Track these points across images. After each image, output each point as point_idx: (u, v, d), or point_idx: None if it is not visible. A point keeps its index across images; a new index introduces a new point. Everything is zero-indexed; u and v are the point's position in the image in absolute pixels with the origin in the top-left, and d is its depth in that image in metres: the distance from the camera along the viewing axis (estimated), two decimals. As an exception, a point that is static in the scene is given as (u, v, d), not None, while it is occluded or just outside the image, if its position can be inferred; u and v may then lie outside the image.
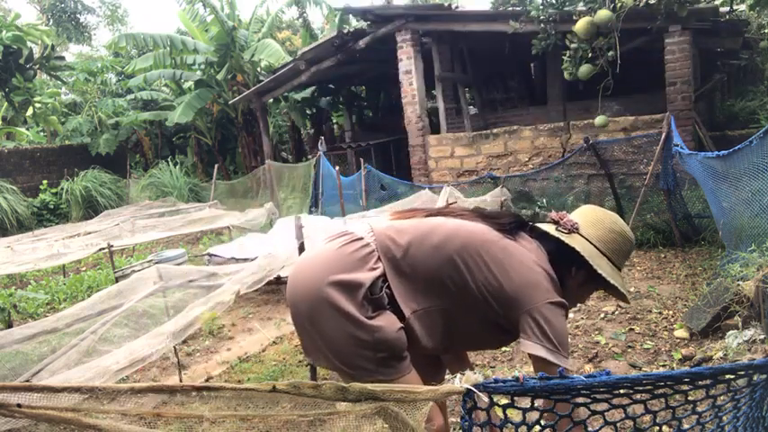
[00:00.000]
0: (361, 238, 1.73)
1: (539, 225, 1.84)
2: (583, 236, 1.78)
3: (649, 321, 4.06)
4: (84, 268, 8.19)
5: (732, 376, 1.16)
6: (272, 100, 12.78)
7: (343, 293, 1.62)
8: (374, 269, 1.67)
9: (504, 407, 1.24)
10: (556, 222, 1.80)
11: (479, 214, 1.83)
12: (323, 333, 1.66)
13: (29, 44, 11.92)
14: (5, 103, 13.31)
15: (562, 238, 1.75)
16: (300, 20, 14.62)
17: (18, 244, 6.78)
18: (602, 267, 1.73)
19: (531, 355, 1.62)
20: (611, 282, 1.74)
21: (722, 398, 1.28)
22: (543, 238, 1.80)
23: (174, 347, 3.48)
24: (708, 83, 8.42)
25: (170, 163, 13.13)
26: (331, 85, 14.13)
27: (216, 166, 12.42)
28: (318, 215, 8.44)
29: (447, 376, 2.16)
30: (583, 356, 3.59)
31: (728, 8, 8.33)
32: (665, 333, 3.82)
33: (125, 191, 13.36)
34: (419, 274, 1.70)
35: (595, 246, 1.77)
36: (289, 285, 1.76)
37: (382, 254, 1.70)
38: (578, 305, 1.82)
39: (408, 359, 1.69)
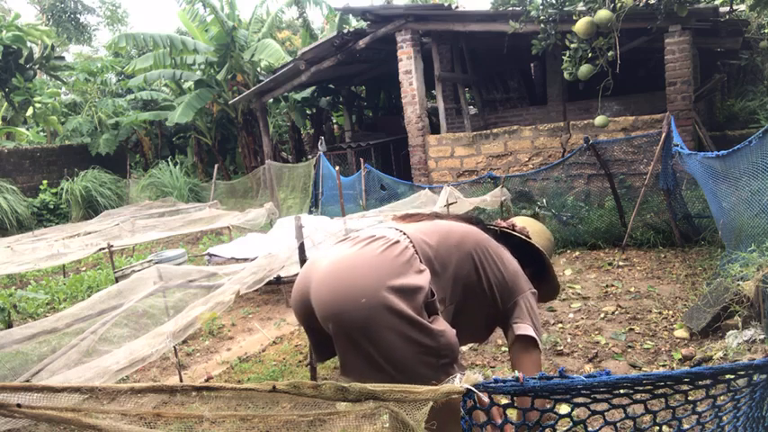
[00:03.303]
0: (398, 242, 1.67)
1: (499, 227, 2.14)
2: (535, 241, 2.12)
3: (649, 321, 4.06)
4: (84, 268, 8.18)
5: (732, 376, 1.16)
6: (272, 100, 12.78)
7: (405, 299, 1.54)
8: (422, 271, 1.63)
9: (504, 407, 1.24)
10: (512, 227, 2.14)
11: (463, 217, 2.07)
12: (381, 344, 1.53)
13: (29, 44, 11.93)
14: (5, 103, 13.33)
15: (530, 240, 2.09)
16: (300, 20, 14.63)
17: (18, 244, 6.78)
18: (550, 266, 2.12)
19: (522, 336, 1.83)
20: (555, 280, 2.15)
21: (722, 398, 1.28)
22: (505, 238, 2.07)
23: (174, 347, 3.48)
24: (708, 83, 8.42)
25: (170, 163, 13.13)
26: (331, 85, 14.13)
27: (216, 166, 12.42)
28: (318, 215, 8.44)
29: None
30: (583, 356, 3.59)
31: (728, 8, 8.33)
32: (665, 333, 3.82)
33: (125, 191, 13.36)
34: (447, 273, 1.75)
35: (543, 249, 2.13)
36: (324, 296, 1.60)
37: (422, 256, 1.69)
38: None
39: (463, 364, 1.79)
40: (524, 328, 1.81)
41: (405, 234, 1.73)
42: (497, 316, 1.91)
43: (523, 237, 2.10)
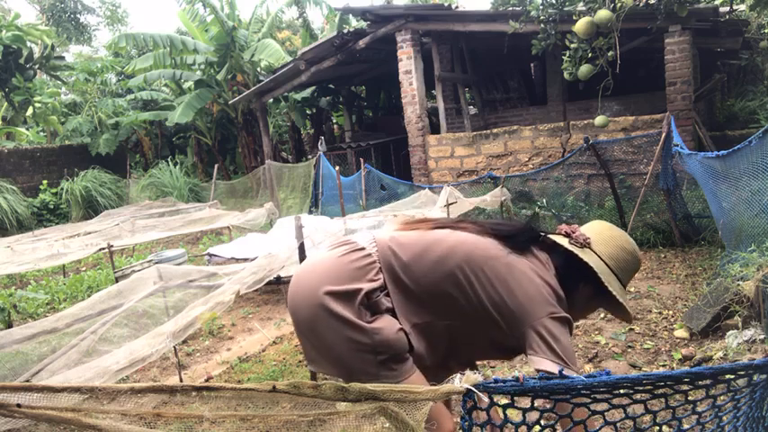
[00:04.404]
0: (363, 248, 1.72)
1: (551, 236, 1.83)
2: (594, 251, 1.77)
3: (649, 321, 4.06)
4: (84, 268, 8.19)
5: (732, 376, 1.16)
6: (272, 100, 12.78)
7: (340, 301, 1.63)
8: (374, 281, 1.68)
9: (504, 407, 1.24)
10: (568, 235, 1.80)
11: (491, 229, 1.79)
12: (323, 340, 1.66)
13: (29, 44, 11.94)
14: (5, 103, 13.33)
15: (576, 252, 1.75)
16: (300, 20, 14.62)
17: (18, 244, 6.78)
18: (612, 285, 1.73)
19: (540, 371, 1.59)
20: (620, 300, 1.73)
21: (722, 398, 1.28)
22: (554, 250, 1.79)
23: (174, 347, 3.48)
24: (708, 83, 8.42)
25: (170, 163, 13.13)
26: (331, 85, 14.13)
27: (216, 166, 12.42)
28: (318, 215, 8.44)
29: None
30: (583, 356, 3.59)
31: (728, 8, 8.33)
32: (665, 333, 3.82)
33: (125, 191, 13.36)
34: (421, 288, 1.69)
35: (606, 263, 1.76)
36: (289, 293, 1.76)
37: (384, 265, 1.70)
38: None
39: (411, 360, 1.68)
40: (538, 362, 1.56)
41: (375, 242, 1.75)
42: (511, 341, 1.69)
43: (568, 247, 1.76)
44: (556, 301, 1.66)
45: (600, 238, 1.81)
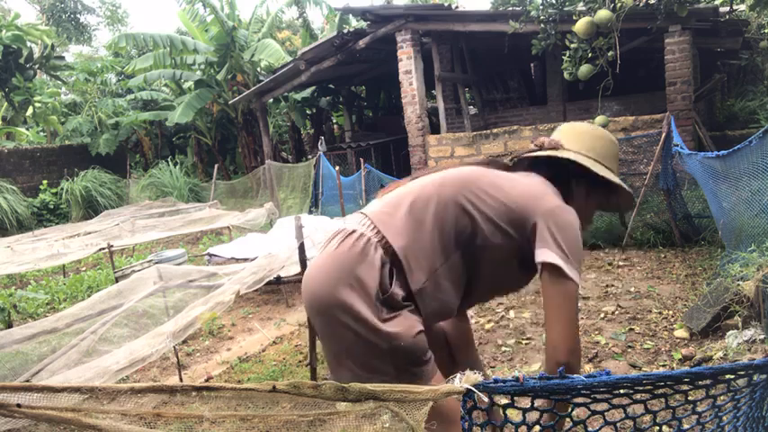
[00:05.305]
0: (354, 231, 1.65)
1: (522, 154, 1.83)
2: (569, 149, 1.76)
3: (649, 321, 4.06)
4: (84, 268, 8.19)
5: (732, 376, 1.16)
6: (272, 100, 12.78)
7: (355, 293, 1.55)
8: (376, 259, 1.59)
9: (505, 407, 1.24)
10: (539, 147, 1.79)
11: (466, 164, 1.82)
12: (341, 341, 1.60)
13: (29, 44, 11.94)
14: (5, 103, 13.33)
15: (553, 154, 1.74)
16: (300, 20, 14.63)
17: (18, 244, 6.78)
18: (599, 169, 1.73)
19: (542, 265, 1.56)
20: (614, 180, 1.73)
21: (722, 398, 1.28)
22: (533, 167, 1.78)
23: (174, 347, 3.48)
24: (708, 83, 8.42)
25: (170, 163, 13.13)
26: (331, 85, 14.13)
27: (216, 166, 12.42)
28: (318, 215, 8.44)
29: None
30: (583, 356, 3.59)
31: (728, 8, 8.33)
32: (665, 333, 3.82)
33: (125, 191, 13.36)
34: (427, 230, 1.62)
35: (585, 155, 1.75)
36: (304, 302, 1.70)
37: (383, 228, 1.63)
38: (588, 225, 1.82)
39: (431, 361, 1.62)
40: (543, 254, 1.54)
41: (366, 217, 1.69)
42: (522, 251, 1.64)
43: (544, 153, 1.76)
44: (555, 194, 1.66)
45: (570, 137, 1.80)
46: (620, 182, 1.76)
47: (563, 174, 1.75)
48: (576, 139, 1.78)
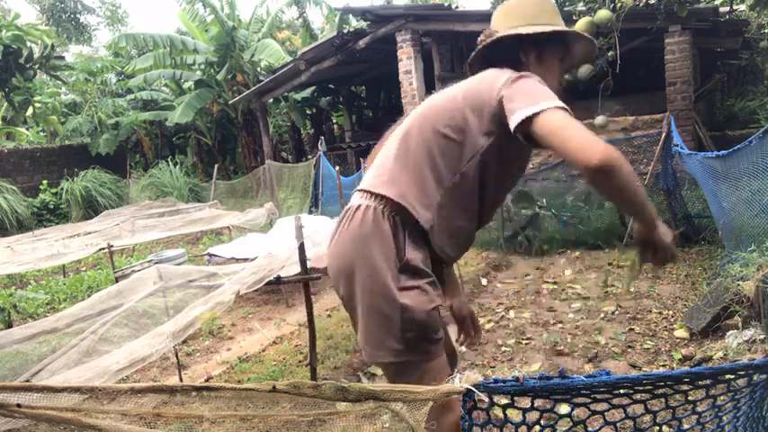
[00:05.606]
0: (359, 206, 1.68)
1: (470, 59, 1.86)
2: (499, 31, 1.77)
3: (649, 321, 4.06)
4: (84, 268, 8.19)
5: (732, 376, 1.16)
6: (272, 100, 12.78)
7: (375, 263, 1.59)
8: (386, 228, 1.62)
9: (504, 407, 1.24)
10: (480, 44, 1.81)
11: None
12: (362, 313, 1.64)
13: (29, 44, 11.94)
14: (5, 103, 13.33)
15: (494, 37, 1.74)
16: (300, 20, 14.63)
17: (18, 244, 6.78)
18: (529, 29, 1.70)
19: (520, 125, 1.48)
20: (548, 29, 1.70)
21: (722, 398, 1.28)
22: (487, 65, 1.76)
23: (174, 347, 3.48)
24: (708, 83, 8.42)
25: (170, 163, 13.14)
26: (331, 85, 14.14)
27: (216, 166, 12.42)
28: (318, 215, 8.44)
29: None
30: (583, 356, 3.59)
31: (728, 8, 8.33)
32: (665, 333, 3.82)
33: (125, 191, 13.37)
34: (417, 170, 1.64)
35: (514, 27, 1.73)
36: (332, 281, 1.75)
37: (381, 190, 1.65)
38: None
39: (441, 342, 1.65)
40: (514, 118, 1.48)
41: (363, 190, 1.72)
42: (510, 136, 1.57)
43: (478, 49, 1.79)
44: (512, 71, 1.63)
45: (499, 20, 1.80)
46: (559, 27, 1.73)
47: (513, 55, 1.74)
48: (505, 18, 1.78)
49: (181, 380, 3.82)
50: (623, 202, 1.56)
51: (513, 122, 1.49)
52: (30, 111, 14.07)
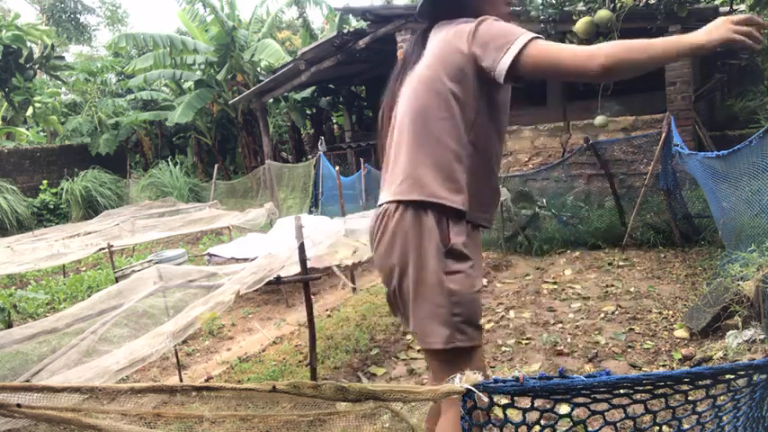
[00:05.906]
0: (386, 210, 1.73)
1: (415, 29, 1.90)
2: None
3: (649, 321, 4.06)
4: (84, 268, 8.19)
5: (732, 376, 1.16)
6: (272, 100, 12.78)
7: (423, 252, 1.64)
8: (428, 220, 1.66)
9: (504, 407, 1.24)
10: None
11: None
12: (413, 302, 1.69)
13: (29, 44, 11.94)
14: (5, 103, 13.33)
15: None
16: (300, 20, 14.64)
17: (18, 244, 6.77)
18: None
19: (508, 72, 1.53)
20: None
21: (722, 398, 1.28)
22: (434, 27, 1.80)
23: (174, 347, 3.48)
24: (708, 83, 8.42)
25: (170, 163, 13.14)
26: (331, 85, 14.14)
27: (216, 166, 12.42)
28: (318, 215, 8.44)
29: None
30: (583, 356, 3.59)
31: (728, 8, 8.33)
32: (665, 333, 3.82)
33: (125, 191, 13.37)
34: (430, 153, 1.68)
35: None
36: (382, 279, 1.80)
37: (418, 196, 1.68)
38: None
39: (482, 331, 1.71)
40: (498, 68, 1.52)
41: (384, 198, 1.76)
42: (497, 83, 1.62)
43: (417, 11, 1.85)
44: (464, 23, 1.66)
45: None
46: None
47: (456, 7, 1.76)
48: None
49: (181, 380, 3.82)
50: (648, 67, 1.52)
51: (499, 75, 1.54)
52: (30, 111, 14.07)
